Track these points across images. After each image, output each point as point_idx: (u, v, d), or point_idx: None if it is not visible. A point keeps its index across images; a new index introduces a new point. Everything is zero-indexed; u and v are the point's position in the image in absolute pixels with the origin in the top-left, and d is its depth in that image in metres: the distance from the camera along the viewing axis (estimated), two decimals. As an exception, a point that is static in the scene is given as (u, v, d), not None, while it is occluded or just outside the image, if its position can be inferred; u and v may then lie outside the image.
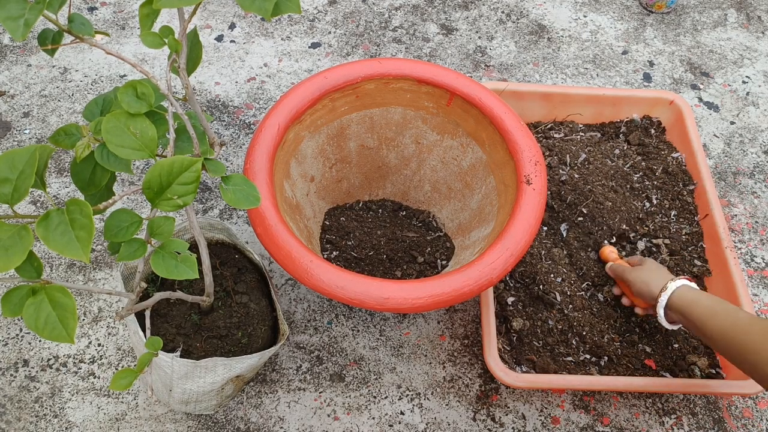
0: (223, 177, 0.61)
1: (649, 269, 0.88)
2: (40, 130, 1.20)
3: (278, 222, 0.80)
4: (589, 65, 1.37)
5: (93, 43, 0.55)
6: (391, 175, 1.09)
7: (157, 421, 0.91)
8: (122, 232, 0.57)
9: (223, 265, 0.89)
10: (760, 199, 1.19)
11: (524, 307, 0.96)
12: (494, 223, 0.91)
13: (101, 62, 1.30)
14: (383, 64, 0.95)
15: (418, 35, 1.40)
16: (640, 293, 0.87)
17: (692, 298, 0.80)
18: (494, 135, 0.94)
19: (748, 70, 1.39)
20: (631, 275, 0.89)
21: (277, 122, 0.88)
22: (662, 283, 0.85)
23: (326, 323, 1.01)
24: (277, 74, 1.31)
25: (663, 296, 0.83)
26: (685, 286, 0.83)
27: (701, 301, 0.79)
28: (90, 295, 1.01)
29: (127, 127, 0.56)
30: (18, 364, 0.95)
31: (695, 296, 0.81)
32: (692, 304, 0.80)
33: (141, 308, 0.69)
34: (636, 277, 0.88)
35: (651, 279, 0.86)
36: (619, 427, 0.94)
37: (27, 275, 0.53)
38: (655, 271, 0.87)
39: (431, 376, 0.97)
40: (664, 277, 0.86)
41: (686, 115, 1.13)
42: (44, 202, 1.11)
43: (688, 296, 0.81)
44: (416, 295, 0.76)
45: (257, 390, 0.94)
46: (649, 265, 0.89)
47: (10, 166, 0.51)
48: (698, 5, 1.51)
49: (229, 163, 1.18)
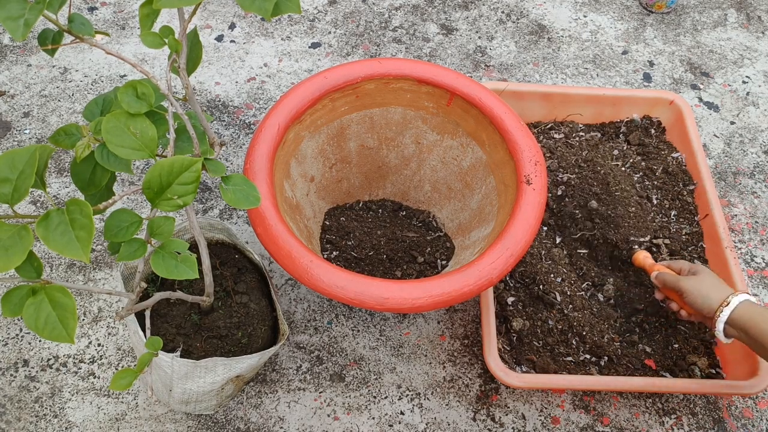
0: (223, 177, 0.61)
1: (708, 281, 0.85)
2: (40, 130, 1.20)
3: (278, 222, 0.80)
4: (589, 65, 1.37)
5: (93, 43, 0.55)
6: (391, 175, 1.09)
7: (157, 421, 0.91)
8: (122, 232, 0.57)
9: (223, 265, 0.89)
10: (760, 199, 1.19)
11: (524, 307, 0.96)
12: (494, 223, 0.91)
13: (101, 62, 1.30)
14: (383, 64, 0.95)
15: (418, 35, 1.40)
16: (695, 304, 0.84)
17: (757, 314, 0.78)
18: (494, 135, 0.94)
19: (748, 70, 1.39)
20: (687, 285, 0.85)
21: (277, 122, 0.88)
22: (723, 296, 0.82)
23: (326, 323, 1.01)
24: (277, 74, 1.31)
25: (725, 311, 0.80)
26: (748, 301, 0.81)
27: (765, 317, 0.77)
28: (90, 295, 1.01)
29: (127, 127, 0.56)
30: (18, 364, 0.95)
31: (760, 312, 0.79)
32: (758, 320, 0.77)
33: (141, 308, 0.69)
34: (693, 288, 0.84)
35: (710, 291, 0.83)
36: (619, 427, 0.94)
37: (27, 275, 0.53)
38: (715, 284, 0.84)
39: (431, 376, 0.97)
40: (724, 290, 0.83)
41: (686, 115, 1.13)
42: (44, 202, 1.11)
43: (753, 312, 0.79)
44: (416, 295, 0.76)
45: (257, 390, 0.95)
46: (706, 276, 0.85)
47: (10, 166, 0.51)
48: (698, 5, 1.51)
49: (229, 163, 1.18)
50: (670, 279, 0.88)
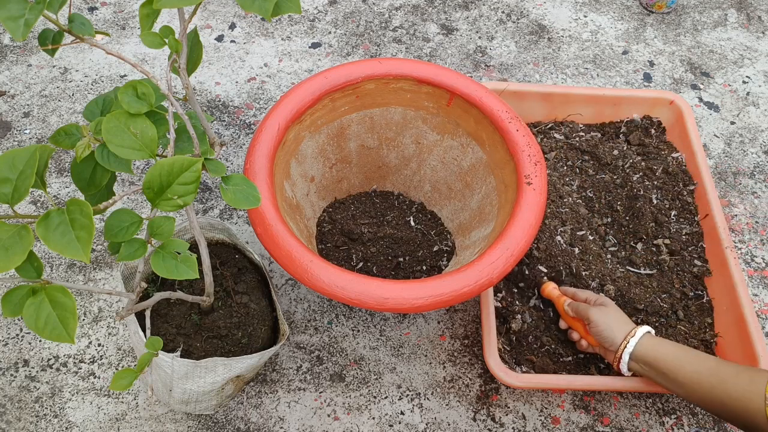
0: (224, 177, 0.61)
1: (613, 314, 0.86)
2: (41, 130, 1.20)
3: (278, 222, 0.80)
4: (589, 65, 1.37)
5: (93, 43, 0.55)
6: (391, 175, 1.09)
7: (157, 421, 0.91)
8: (122, 232, 0.57)
9: (223, 265, 0.89)
10: (760, 199, 1.19)
11: (524, 307, 0.96)
12: (494, 223, 0.91)
13: (101, 62, 1.30)
14: (383, 64, 0.95)
15: (418, 35, 1.40)
16: (600, 335, 0.85)
17: (657, 347, 0.81)
18: (494, 135, 0.94)
19: (749, 70, 1.39)
20: (594, 316, 0.86)
21: (278, 122, 0.88)
22: (628, 329, 0.84)
23: (326, 323, 1.01)
24: (277, 74, 1.31)
25: (631, 342, 0.82)
26: (648, 333, 0.83)
27: (667, 350, 0.80)
28: (90, 295, 1.01)
29: (128, 127, 0.56)
30: (18, 364, 0.95)
31: (659, 344, 0.81)
32: (658, 353, 0.80)
33: (141, 308, 0.70)
34: (600, 320, 0.85)
35: (615, 324, 0.84)
36: (619, 427, 0.94)
37: (27, 275, 0.53)
38: (620, 318, 0.86)
39: (431, 376, 0.97)
40: (627, 322, 0.85)
41: (686, 115, 1.13)
42: (44, 202, 1.11)
43: (653, 344, 0.81)
44: (416, 296, 0.76)
45: (257, 390, 0.95)
46: (611, 309, 0.87)
47: (10, 166, 0.51)
48: (698, 5, 1.51)
49: (230, 163, 1.18)
50: (581, 307, 0.88)
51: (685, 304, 0.99)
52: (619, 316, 0.86)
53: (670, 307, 0.97)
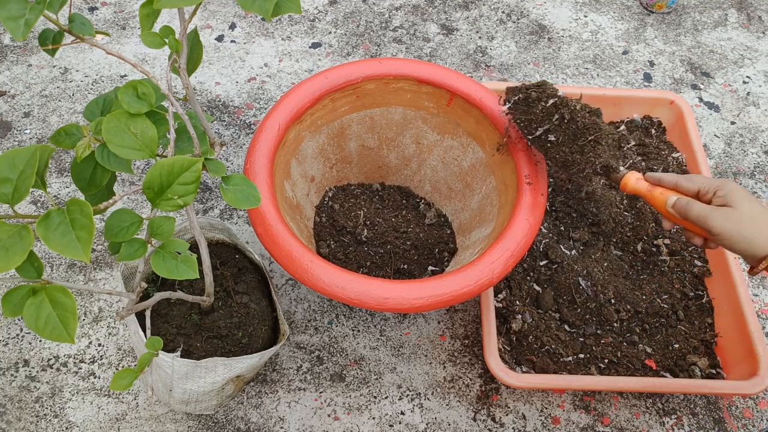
0: (224, 177, 0.61)
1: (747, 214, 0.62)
2: (41, 130, 1.20)
3: (278, 222, 0.80)
4: (589, 65, 1.37)
5: (93, 43, 0.55)
6: (392, 175, 1.09)
7: (157, 421, 0.91)
8: (123, 232, 0.57)
9: (223, 265, 0.89)
10: (760, 199, 1.19)
11: (524, 307, 0.96)
12: (495, 223, 0.91)
13: (102, 62, 1.30)
14: (384, 64, 0.95)
15: (418, 35, 1.40)
16: (733, 249, 0.63)
17: None
18: (495, 135, 0.94)
19: (749, 70, 1.39)
20: (717, 225, 0.63)
21: (278, 122, 0.88)
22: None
23: (326, 323, 1.01)
24: (277, 74, 1.31)
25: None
26: None
27: None
28: (90, 295, 1.01)
29: (128, 127, 0.56)
30: (18, 364, 0.95)
31: None
32: None
33: (141, 308, 0.70)
34: (726, 229, 0.63)
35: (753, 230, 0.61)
36: (619, 427, 0.94)
37: (27, 275, 0.53)
38: (757, 216, 0.62)
39: (431, 376, 0.97)
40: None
41: (687, 115, 1.13)
42: (45, 202, 1.11)
43: None
44: (416, 296, 0.76)
45: (257, 390, 0.95)
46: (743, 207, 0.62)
47: (11, 166, 0.51)
48: (699, 5, 1.51)
49: (230, 163, 1.18)
50: (695, 211, 0.66)
51: (685, 305, 0.99)
52: (755, 216, 0.62)
53: (670, 307, 0.97)
